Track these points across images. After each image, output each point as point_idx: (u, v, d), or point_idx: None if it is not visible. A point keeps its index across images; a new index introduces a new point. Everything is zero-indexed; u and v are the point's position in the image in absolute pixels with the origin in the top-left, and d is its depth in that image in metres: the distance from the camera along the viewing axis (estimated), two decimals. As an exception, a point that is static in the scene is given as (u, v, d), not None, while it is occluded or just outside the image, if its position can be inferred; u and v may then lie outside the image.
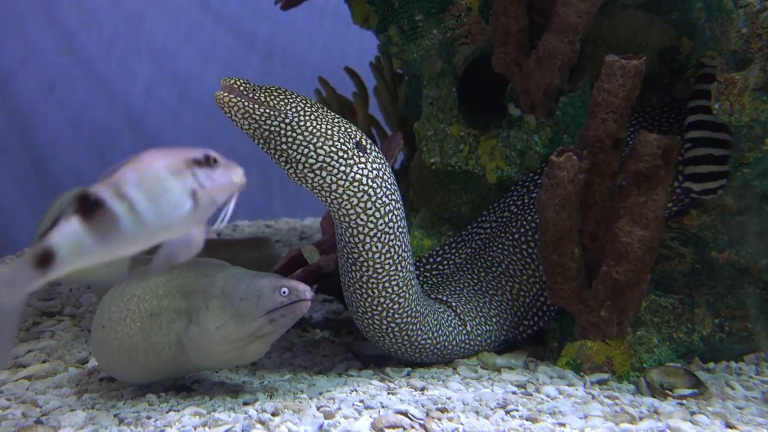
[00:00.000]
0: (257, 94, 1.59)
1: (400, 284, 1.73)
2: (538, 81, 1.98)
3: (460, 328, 1.90)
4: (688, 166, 1.90)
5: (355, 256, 1.70)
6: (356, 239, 1.68)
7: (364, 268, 1.71)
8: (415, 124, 2.23)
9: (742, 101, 1.75)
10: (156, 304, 1.66)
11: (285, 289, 1.56)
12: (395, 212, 1.70)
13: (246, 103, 1.58)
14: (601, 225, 1.82)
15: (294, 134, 1.60)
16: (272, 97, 1.60)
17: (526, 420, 1.47)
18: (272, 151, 1.62)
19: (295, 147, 1.60)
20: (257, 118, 1.58)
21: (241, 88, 1.58)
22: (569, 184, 1.75)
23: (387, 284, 1.72)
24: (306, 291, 1.57)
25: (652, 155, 1.71)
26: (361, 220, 1.66)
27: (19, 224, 4.16)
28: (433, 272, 2.09)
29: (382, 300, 1.73)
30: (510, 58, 1.99)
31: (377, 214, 1.67)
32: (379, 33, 2.32)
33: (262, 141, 1.62)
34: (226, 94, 1.57)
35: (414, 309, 1.79)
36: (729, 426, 1.49)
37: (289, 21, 5.23)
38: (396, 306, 1.75)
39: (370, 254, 1.69)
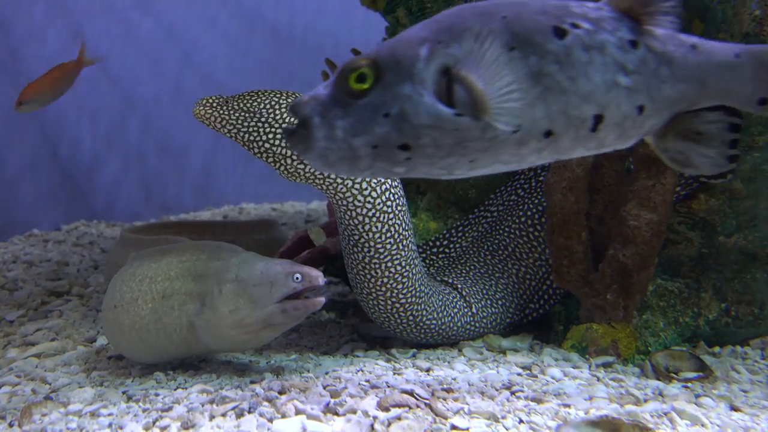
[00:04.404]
0: (231, 104, 1.66)
1: (403, 263, 1.74)
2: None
3: (466, 310, 1.91)
4: (697, 149, 1.89)
5: (356, 237, 1.71)
6: (355, 221, 1.69)
7: (365, 249, 1.71)
8: (423, 107, 2.22)
9: (753, 84, 1.73)
10: (168, 286, 1.67)
11: (298, 275, 1.57)
12: (392, 190, 1.70)
13: (221, 112, 1.65)
14: (609, 208, 1.81)
15: (273, 129, 1.63)
16: (244, 101, 1.66)
17: (531, 401, 1.47)
18: (260, 155, 1.66)
19: (278, 142, 1.63)
20: (234, 122, 1.65)
21: (215, 104, 1.66)
22: (577, 166, 1.74)
23: (389, 264, 1.73)
24: (319, 277, 1.58)
25: (661, 138, 1.70)
26: (359, 201, 1.67)
27: (27, 204, 4.18)
28: (440, 255, 2.10)
29: (385, 280, 1.74)
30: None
31: (374, 194, 1.67)
32: (386, 14, 2.30)
33: (247, 146, 1.66)
34: (202, 108, 1.66)
35: (418, 289, 1.79)
36: (734, 408, 1.49)
37: (296, 2, 5.19)
38: (399, 286, 1.75)
39: (370, 235, 1.69)
